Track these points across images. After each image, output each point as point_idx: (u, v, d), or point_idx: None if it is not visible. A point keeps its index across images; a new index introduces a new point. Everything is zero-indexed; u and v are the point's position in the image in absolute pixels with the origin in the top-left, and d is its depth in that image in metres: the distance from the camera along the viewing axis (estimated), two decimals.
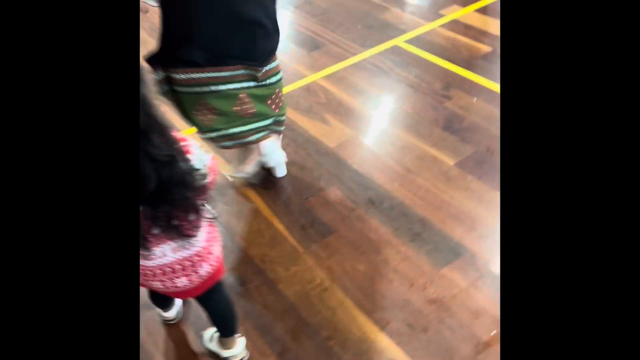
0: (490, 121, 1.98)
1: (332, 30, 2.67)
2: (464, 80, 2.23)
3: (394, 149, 1.90)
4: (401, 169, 1.81)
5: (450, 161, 1.82)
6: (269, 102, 1.49)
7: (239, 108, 1.43)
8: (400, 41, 2.52)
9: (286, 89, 2.24)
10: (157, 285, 1.01)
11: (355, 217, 1.64)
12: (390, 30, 2.62)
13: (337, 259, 1.52)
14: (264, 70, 1.41)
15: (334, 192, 1.74)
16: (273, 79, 1.46)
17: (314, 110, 2.12)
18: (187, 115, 1.44)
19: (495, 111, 2.03)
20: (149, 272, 0.97)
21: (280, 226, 1.63)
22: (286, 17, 2.82)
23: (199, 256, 0.99)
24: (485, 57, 2.37)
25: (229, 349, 1.25)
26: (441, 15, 2.72)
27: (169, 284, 1.00)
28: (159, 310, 1.33)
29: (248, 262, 1.53)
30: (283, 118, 1.61)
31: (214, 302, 1.16)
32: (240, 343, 1.26)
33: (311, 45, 2.56)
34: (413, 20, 2.69)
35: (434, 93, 2.17)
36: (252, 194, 1.75)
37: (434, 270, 1.47)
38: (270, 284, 1.46)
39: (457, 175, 1.77)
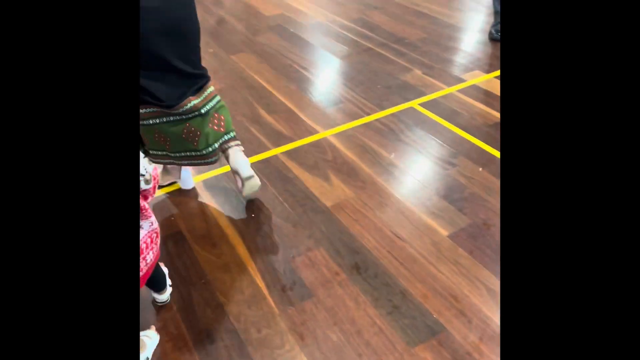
0: (491, 193, 1.95)
1: (352, 88, 2.73)
2: (473, 147, 2.21)
3: (389, 213, 1.89)
4: (393, 235, 1.79)
5: (444, 232, 1.79)
6: (210, 125, 1.77)
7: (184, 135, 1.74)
8: (415, 103, 2.54)
9: (296, 144, 2.29)
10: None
11: (338, 282, 1.63)
12: (408, 91, 2.65)
13: (311, 325, 1.50)
14: (180, 111, 1.68)
15: (322, 254, 1.73)
16: (202, 110, 1.73)
17: (319, 167, 2.15)
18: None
19: (499, 183, 1.99)
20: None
21: (262, 284, 1.64)
22: (310, 71, 2.90)
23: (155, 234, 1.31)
24: (498, 125, 2.34)
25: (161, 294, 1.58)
26: (462, 80, 2.73)
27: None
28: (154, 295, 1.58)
29: (223, 320, 1.53)
30: (211, 150, 1.81)
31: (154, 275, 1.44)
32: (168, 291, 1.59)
33: (328, 101, 2.62)
34: (433, 83, 2.71)
35: (440, 159, 2.16)
36: (241, 248, 1.78)
37: (407, 347, 1.43)
38: (240, 346, 1.46)
39: (448, 248, 1.73)
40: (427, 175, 2.07)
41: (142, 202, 1.25)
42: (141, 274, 1.28)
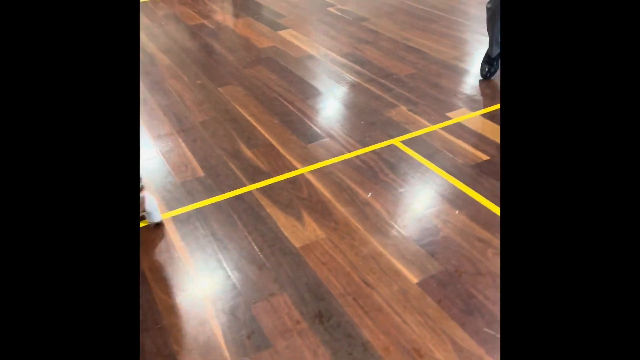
0: (466, 238, 1.88)
1: (336, 123, 2.70)
2: (451, 189, 2.15)
3: (359, 257, 1.82)
4: (360, 280, 1.72)
5: (413, 278, 1.72)
6: None
7: None
8: (397, 141, 2.50)
9: (272, 180, 2.25)
10: None
11: (298, 331, 1.56)
12: (392, 128, 2.61)
13: None
14: None
15: (285, 299, 1.67)
16: None
17: (293, 205, 2.10)
18: None
19: (474, 227, 1.93)
20: None
21: (218, 331, 1.57)
22: (295, 105, 2.88)
23: None
24: (480, 166, 2.29)
25: None
26: (447, 118, 2.69)
27: None
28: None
29: None
30: None
31: None
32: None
33: (310, 136, 2.58)
34: (417, 120, 2.68)
35: (417, 200, 2.10)
36: (202, 291, 1.71)
37: None
38: None
39: (416, 296, 1.65)
40: (402, 217, 2.01)
41: None
42: None
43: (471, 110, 2.73)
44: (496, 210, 2.02)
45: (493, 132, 2.55)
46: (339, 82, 3.14)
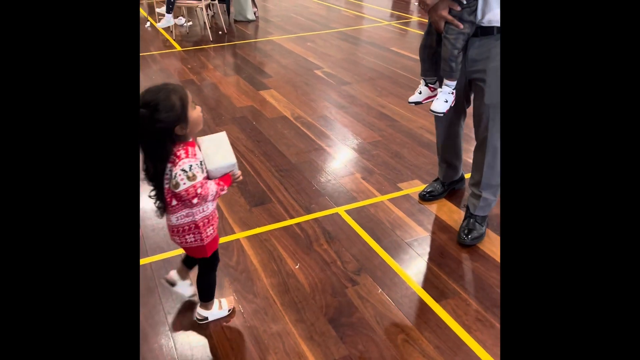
0: (380, 322, 1.80)
1: (288, 187, 2.69)
2: (381, 265, 2.09)
3: (266, 335, 1.76)
4: None
5: None
6: None
7: None
8: (342, 209, 2.47)
9: None
10: (177, 240, 1.58)
11: None
12: (340, 196, 2.59)
13: None
14: None
15: None
16: None
17: (217, 273, 2.06)
18: None
19: (392, 310, 1.85)
20: (174, 229, 1.54)
21: None
22: (253, 167, 2.90)
23: (196, 227, 1.54)
24: (417, 242, 2.23)
25: (207, 309, 1.79)
26: (398, 189, 2.66)
27: (181, 239, 1.57)
28: (182, 290, 1.86)
29: None
30: None
31: (200, 273, 1.73)
32: (214, 305, 1.79)
33: (258, 200, 2.58)
34: (367, 190, 2.65)
35: (344, 274, 2.04)
36: None
37: None
38: None
39: None
40: (322, 292, 1.95)
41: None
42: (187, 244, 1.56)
43: (423, 183, 2.70)
44: (421, 293, 1.95)
45: (438, 207, 2.51)
46: (303, 145, 3.16)
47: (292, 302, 1.91)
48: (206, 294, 1.75)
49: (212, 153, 1.52)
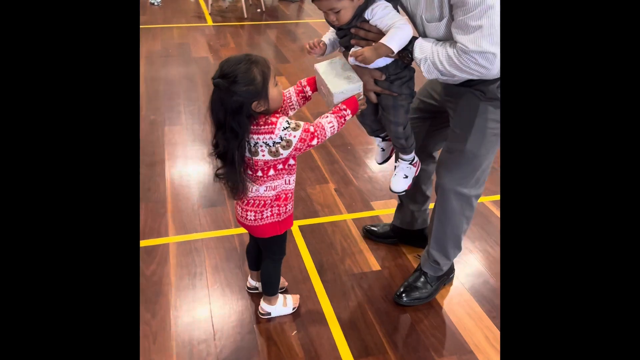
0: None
1: None
2: (309, 298, 1.78)
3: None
4: None
5: None
6: None
7: None
8: (296, 224, 2.18)
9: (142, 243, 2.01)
10: (250, 216, 1.44)
11: None
12: (306, 208, 2.30)
13: None
14: None
15: None
16: None
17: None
18: None
19: (324, 347, 1.56)
20: (255, 202, 1.42)
21: None
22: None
23: (284, 198, 1.45)
24: (363, 276, 1.90)
25: (271, 304, 1.67)
26: (370, 208, 2.32)
27: (257, 215, 1.44)
28: (249, 280, 1.77)
29: None
30: None
31: (263, 265, 1.63)
32: (278, 300, 1.67)
33: (211, 201, 2.34)
34: (335, 204, 2.34)
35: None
36: None
37: None
38: None
39: None
40: (228, 330, 1.68)
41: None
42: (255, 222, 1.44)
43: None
44: (341, 344, 1.63)
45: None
46: None
47: (182, 322, 1.65)
48: (268, 287, 1.64)
49: (334, 76, 1.40)
